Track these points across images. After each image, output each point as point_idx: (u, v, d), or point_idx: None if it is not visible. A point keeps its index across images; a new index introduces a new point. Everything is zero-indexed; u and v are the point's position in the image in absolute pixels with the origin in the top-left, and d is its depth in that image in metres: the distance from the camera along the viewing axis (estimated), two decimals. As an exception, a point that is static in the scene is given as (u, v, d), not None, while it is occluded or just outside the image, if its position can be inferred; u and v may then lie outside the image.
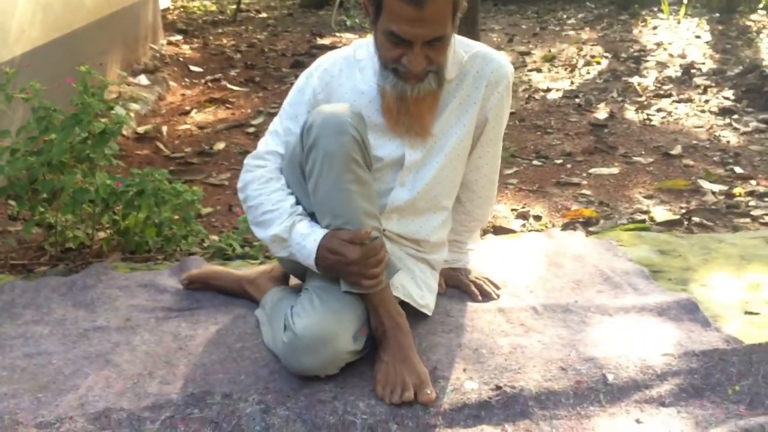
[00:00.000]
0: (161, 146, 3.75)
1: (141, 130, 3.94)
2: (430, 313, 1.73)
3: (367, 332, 1.54)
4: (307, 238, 1.52)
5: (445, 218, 1.77)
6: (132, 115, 3.99)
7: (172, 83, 5.03)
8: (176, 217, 2.30)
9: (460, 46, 1.66)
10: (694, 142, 3.69)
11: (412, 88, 1.54)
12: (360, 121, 1.54)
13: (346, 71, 1.67)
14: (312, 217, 1.57)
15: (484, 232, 2.54)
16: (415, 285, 1.70)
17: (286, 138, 1.66)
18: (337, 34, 7.17)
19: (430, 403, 1.43)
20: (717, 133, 3.82)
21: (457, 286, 1.91)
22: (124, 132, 3.75)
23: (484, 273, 1.97)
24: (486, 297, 1.87)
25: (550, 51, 6.16)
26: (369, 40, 1.67)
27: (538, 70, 5.48)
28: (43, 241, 2.39)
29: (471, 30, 4.87)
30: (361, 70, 1.66)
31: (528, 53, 6.12)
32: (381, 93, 1.61)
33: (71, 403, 1.45)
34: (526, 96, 4.72)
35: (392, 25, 1.47)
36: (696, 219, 2.65)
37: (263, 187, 1.60)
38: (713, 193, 2.93)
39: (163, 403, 1.44)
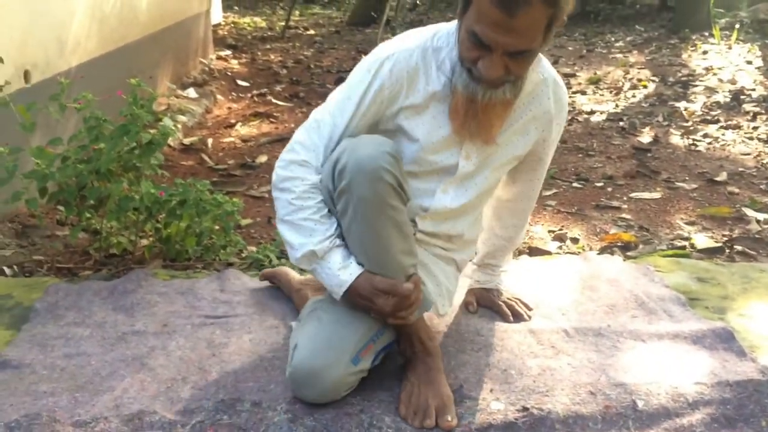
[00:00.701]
0: (206, 158, 3.84)
1: (187, 141, 4.04)
2: (443, 313, 1.71)
3: (376, 349, 1.52)
4: (342, 270, 1.46)
5: (478, 216, 1.74)
6: (179, 126, 4.10)
7: (219, 97, 5.15)
8: (216, 227, 2.36)
9: (535, 64, 1.56)
10: (741, 169, 3.62)
11: (484, 92, 1.43)
12: (395, 162, 1.44)
13: (422, 67, 1.52)
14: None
15: (519, 253, 2.54)
16: (440, 294, 1.69)
17: (330, 137, 1.54)
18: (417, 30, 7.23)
19: (450, 430, 1.43)
20: (765, 161, 3.74)
21: (489, 306, 1.91)
22: (171, 143, 3.85)
23: (517, 294, 1.97)
24: (517, 318, 1.86)
25: (595, 73, 6.12)
26: (451, 25, 1.54)
27: (583, 92, 5.45)
28: (89, 246, 2.46)
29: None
30: (438, 65, 1.52)
31: (573, 75, 6.09)
32: (452, 91, 1.49)
33: (107, 403, 1.50)
34: (569, 118, 4.69)
35: (476, 26, 1.36)
36: (738, 247, 2.60)
37: (309, 191, 1.50)
38: (758, 221, 2.87)
39: (194, 408, 1.48)
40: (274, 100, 5.20)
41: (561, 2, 1.36)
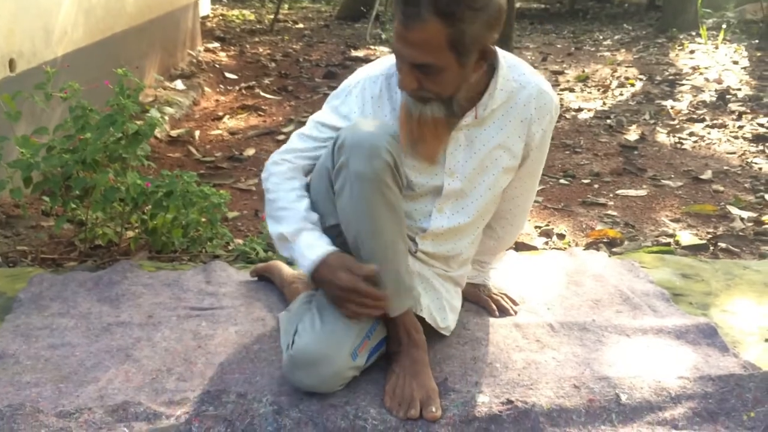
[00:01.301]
0: (193, 150, 3.82)
1: (174, 133, 4.02)
2: (449, 334, 1.73)
3: (371, 346, 1.54)
4: (310, 249, 1.49)
5: (476, 236, 1.76)
6: (166, 118, 4.07)
7: (207, 89, 5.12)
8: (203, 219, 2.35)
9: (514, 73, 1.60)
10: (726, 167, 3.65)
11: (415, 107, 1.50)
12: (394, 142, 1.48)
13: (386, 93, 1.61)
14: (332, 230, 1.55)
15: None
16: (440, 307, 1.69)
17: (314, 145, 1.63)
18: (372, 47, 7.23)
19: (435, 421, 1.43)
20: (749, 160, 3.77)
21: (476, 301, 1.92)
22: (158, 135, 3.83)
23: (503, 289, 1.97)
24: (503, 313, 1.87)
25: (584, 71, 6.14)
26: None
27: (571, 90, 5.47)
28: (74, 237, 2.45)
29: (505, 47, 4.87)
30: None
31: (561, 72, 6.11)
32: (401, 106, 1.56)
33: (91, 394, 1.49)
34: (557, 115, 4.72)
35: (393, 39, 1.46)
36: (722, 245, 2.63)
37: (283, 182, 1.59)
38: (742, 219, 2.90)
39: (179, 399, 1.47)
40: (262, 93, 5.18)
41: (461, 24, 1.38)
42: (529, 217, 2.95)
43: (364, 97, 1.61)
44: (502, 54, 1.59)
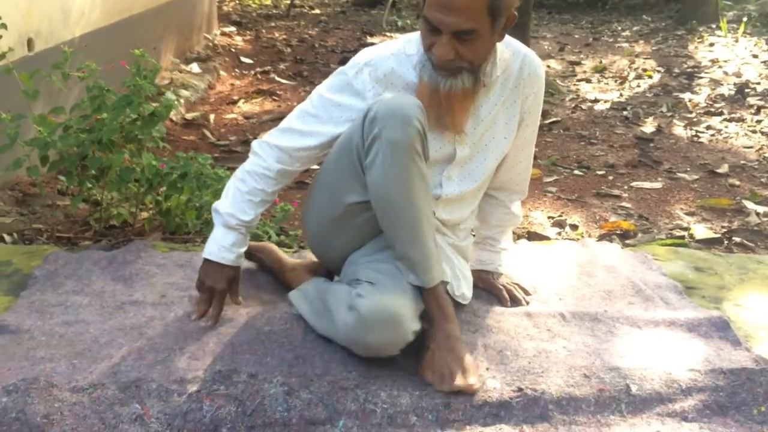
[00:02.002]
0: (207, 133, 3.83)
1: (189, 116, 4.03)
2: (466, 303, 1.76)
3: (419, 313, 1.56)
4: (224, 250, 1.68)
5: (477, 204, 1.84)
6: (182, 101, 4.08)
7: (222, 73, 5.13)
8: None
9: (501, 44, 1.65)
10: (742, 162, 3.62)
11: (445, 81, 1.54)
12: (423, 113, 1.53)
13: (397, 68, 1.64)
14: (354, 207, 1.60)
15: (518, 237, 2.54)
16: (455, 276, 1.74)
17: (307, 141, 1.66)
18: (388, 34, 7.21)
19: (474, 393, 1.46)
20: (766, 154, 3.74)
21: (489, 289, 1.92)
22: (173, 117, 3.84)
23: (515, 278, 1.97)
24: (515, 303, 1.87)
25: (601, 62, 6.09)
26: (419, 34, 1.66)
27: (588, 81, 5.43)
28: (89, 217, 2.47)
29: (521, 37, 4.86)
30: (413, 65, 1.63)
31: (578, 63, 6.07)
32: (419, 81, 1.60)
33: (104, 371, 1.51)
34: (573, 105, 4.69)
35: (427, 11, 1.49)
36: (737, 239, 2.61)
37: (259, 179, 1.67)
38: (757, 214, 2.88)
39: (191, 377, 1.49)
40: (277, 78, 5.18)
41: None
42: (542, 207, 2.94)
43: (377, 75, 1.63)
44: None
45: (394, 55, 1.65)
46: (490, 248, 1.93)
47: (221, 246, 1.68)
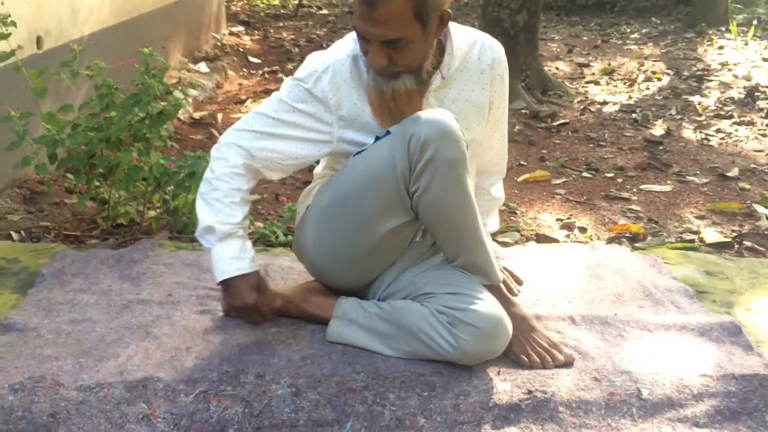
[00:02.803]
0: (215, 132, 3.83)
1: (197, 115, 4.03)
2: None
3: None
4: (234, 260, 1.56)
5: None
6: (189, 100, 4.08)
7: (230, 72, 5.13)
8: (224, 201, 2.35)
9: (461, 36, 1.65)
10: (753, 165, 3.59)
11: (386, 83, 1.54)
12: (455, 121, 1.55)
13: (355, 74, 1.61)
14: (394, 230, 1.59)
15: (526, 239, 2.53)
16: None
17: (267, 143, 1.61)
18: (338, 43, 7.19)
19: (572, 361, 1.58)
20: (777, 158, 3.71)
21: None
22: (181, 116, 3.84)
23: (508, 267, 1.98)
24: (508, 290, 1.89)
25: (609, 64, 6.07)
26: None
27: (596, 83, 5.41)
28: (96, 215, 2.46)
29: (531, 38, 4.85)
30: (367, 68, 1.60)
31: (587, 65, 6.04)
32: (367, 86, 1.60)
33: (111, 370, 1.50)
34: (581, 108, 4.66)
35: (355, 21, 1.49)
36: (747, 243, 2.58)
37: (231, 178, 1.59)
38: (767, 218, 2.85)
39: (198, 377, 1.48)
40: (285, 78, 5.17)
41: None
42: (550, 209, 2.93)
43: (337, 81, 1.60)
44: None
45: (350, 56, 1.61)
46: None
47: (228, 259, 1.57)
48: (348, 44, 1.64)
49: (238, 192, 1.60)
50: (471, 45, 1.68)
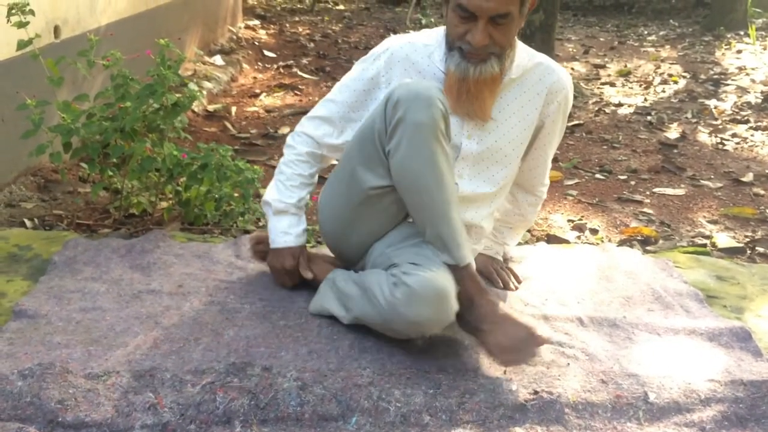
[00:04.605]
0: (229, 125, 3.84)
1: (211, 108, 4.04)
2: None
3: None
4: (283, 234, 1.80)
5: (494, 209, 1.84)
6: (204, 93, 4.09)
7: (245, 66, 5.14)
8: (236, 194, 2.36)
9: (525, 53, 1.73)
10: (767, 171, 3.56)
11: (474, 68, 1.59)
12: (444, 98, 1.56)
13: (412, 55, 1.71)
14: (377, 190, 1.61)
15: (537, 240, 2.52)
16: None
17: (329, 127, 1.79)
18: (411, 32, 7.19)
19: (548, 343, 1.52)
20: (793, 164, 3.67)
21: (486, 273, 1.94)
22: (195, 109, 3.85)
23: (511, 266, 2.02)
24: (506, 287, 1.92)
25: (626, 66, 6.03)
26: (439, 28, 1.75)
27: (612, 84, 5.38)
28: (109, 205, 2.48)
29: (547, 38, 4.82)
30: (429, 55, 1.71)
31: (603, 66, 6.01)
32: (446, 72, 1.65)
33: (119, 358, 1.51)
34: (596, 109, 4.64)
35: (463, 0, 1.54)
36: (760, 249, 2.56)
37: (297, 164, 1.81)
38: (782, 224, 2.83)
39: (205, 368, 1.49)
40: (299, 73, 5.18)
41: None
42: (562, 210, 2.92)
43: (391, 60, 1.71)
44: None
45: (411, 43, 1.73)
46: (494, 239, 1.97)
47: (279, 232, 1.80)
48: (416, 35, 1.75)
49: (299, 177, 1.81)
50: (536, 65, 1.74)
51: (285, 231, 1.80)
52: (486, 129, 1.72)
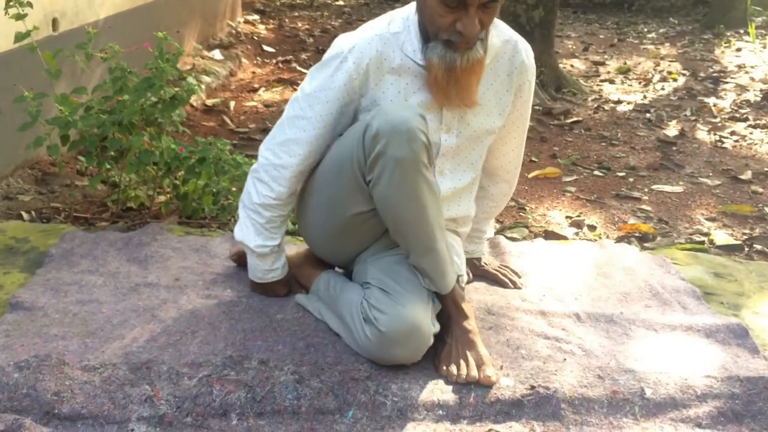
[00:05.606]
0: (227, 120, 3.83)
1: (209, 102, 4.03)
2: (462, 273, 1.70)
3: (435, 312, 1.56)
4: (267, 272, 1.74)
5: (474, 191, 1.78)
6: (203, 87, 4.09)
7: (244, 60, 5.13)
8: (233, 188, 2.36)
9: (493, 28, 1.61)
10: (766, 169, 3.56)
11: (462, 57, 1.48)
12: (425, 123, 1.47)
13: (384, 51, 1.56)
14: (358, 217, 1.57)
15: (535, 236, 2.52)
16: (456, 256, 1.70)
17: (305, 149, 1.59)
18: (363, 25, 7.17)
19: (491, 385, 1.45)
20: (791, 162, 3.68)
21: (483, 275, 1.94)
22: (194, 103, 3.85)
23: (506, 263, 2.02)
24: (514, 285, 1.92)
25: (625, 63, 6.03)
26: (404, 11, 1.61)
27: (611, 81, 5.37)
28: (106, 198, 2.47)
29: (546, 35, 4.81)
30: (400, 46, 1.56)
31: (602, 63, 6.00)
32: (427, 67, 1.53)
33: (116, 351, 1.51)
34: (595, 106, 4.64)
35: None
36: (758, 246, 2.56)
37: (270, 205, 1.65)
38: (779, 222, 2.83)
39: (202, 361, 1.48)
40: (298, 68, 5.17)
41: None
42: (560, 206, 2.91)
43: (361, 61, 1.55)
44: None
45: (379, 36, 1.56)
46: (477, 240, 1.95)
47: (264, 269, 1.74)
48: (379, 24, 1.60)
49: (279, 218, 1.68)
50: (504, 43, 1.64)
51: (269, 269, 1.73)
52: (465, 119, 1.63)
